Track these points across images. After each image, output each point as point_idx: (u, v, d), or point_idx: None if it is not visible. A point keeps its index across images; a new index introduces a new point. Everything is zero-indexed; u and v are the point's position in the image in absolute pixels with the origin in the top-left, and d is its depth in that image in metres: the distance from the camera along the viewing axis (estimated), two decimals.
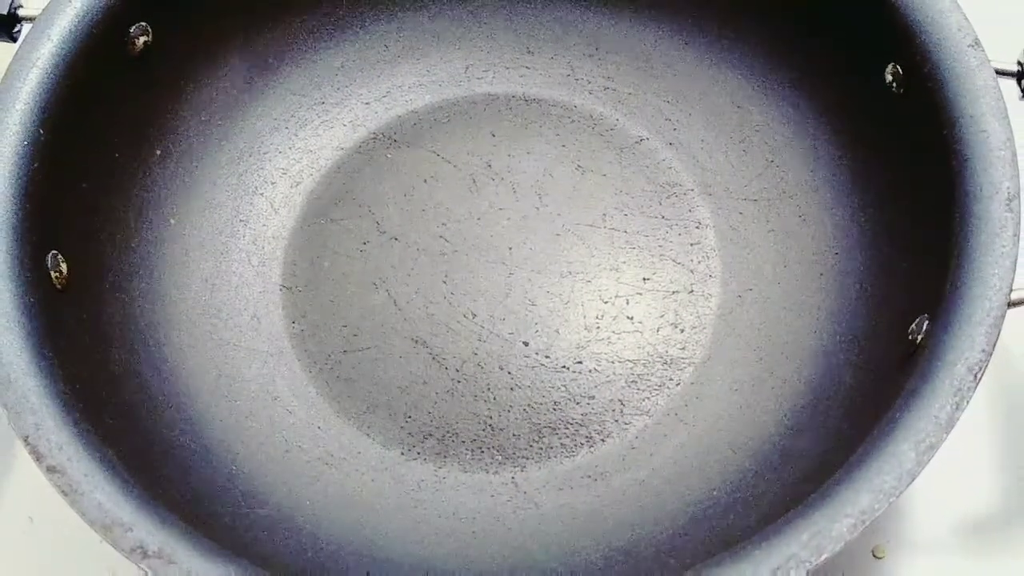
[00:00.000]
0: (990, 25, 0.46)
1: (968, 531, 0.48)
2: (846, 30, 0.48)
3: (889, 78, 0.46)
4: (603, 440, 0.48)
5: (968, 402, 0.36)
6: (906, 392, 0.37)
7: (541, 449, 0.48)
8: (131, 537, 0.36)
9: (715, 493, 0.45)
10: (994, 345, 0.37)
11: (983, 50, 0.42)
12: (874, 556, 0.48)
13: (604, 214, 0.53)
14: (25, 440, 0.37)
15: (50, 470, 0.37)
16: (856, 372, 0.45)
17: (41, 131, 0.43)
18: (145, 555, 0.35)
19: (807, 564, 0.34)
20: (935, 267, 0.40)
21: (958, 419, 0.36)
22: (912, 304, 0.41)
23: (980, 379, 0.37)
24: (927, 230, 0.42)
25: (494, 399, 0.49)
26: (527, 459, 0.48)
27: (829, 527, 0.35)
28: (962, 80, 0.42)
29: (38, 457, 0.37)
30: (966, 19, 0.43)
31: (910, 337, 0.41)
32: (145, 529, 0.36)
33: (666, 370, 0.50)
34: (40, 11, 0.45)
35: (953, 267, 0.39)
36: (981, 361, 0.37)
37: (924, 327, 0.40)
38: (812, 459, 0.42)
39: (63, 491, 0.36)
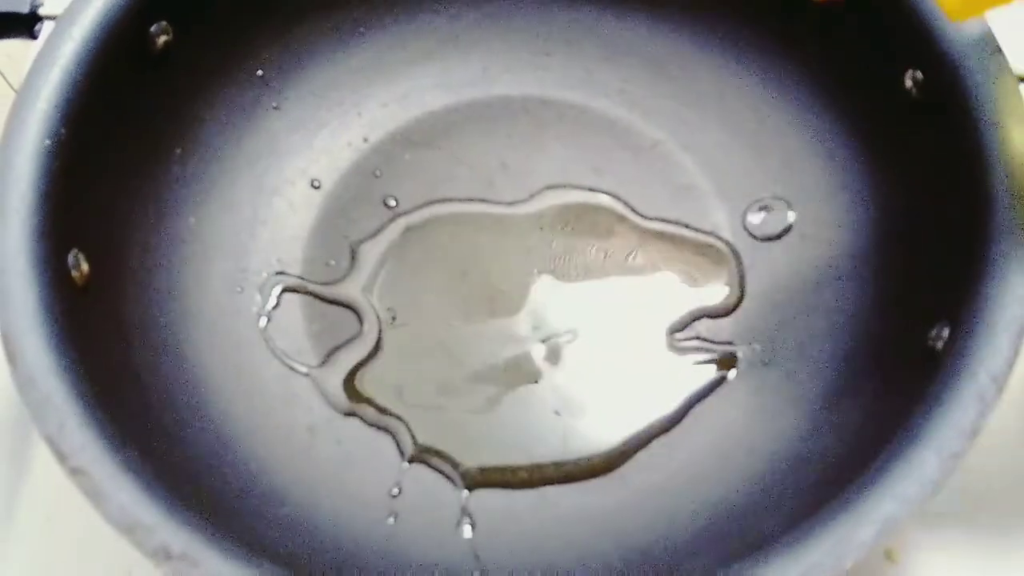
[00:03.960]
0: (1012, 32, 0.45)
1: (984, 534, 0.48)
2: (865, 35, 0.48)
3: (908, 83, 0.46)
4: (621, 443, 0.48)
5: (992, 410, 0.36)
6: (928, 400, 0.37)
7: (560, 449, 0.48)
8: (154, 539, 0.35)
9: (733, 496, 0.45)
10: (1018, 353, 0.37)
11: (1005, 57, 0.42)
12: (888, 559, 0.48)
13: (620, 216, 0.53)
14: (49, 440, 0.37)
15: (74, 471, 0.36)
16: (875, 376, 0.45)
17: (62, 129, 0.42)
18: (169, 557, 0.35)
19: (830, 572, 0.34)
20: (956, 273, 0.40)
21: (982, 427, 0.36)
22: (932, 310, 0.41)
23: (1004, 387, 0.37)
24: (948, 236, 0.42)
25: (512, 399, 0.49)
26: (546, 459, 0.48)
27: (852, 535, 0.34)
28: (984, 87, 0.42)
29: (61, 458, 0.37)
30: (988, 25, 0.43)
31: (930, 343, 0.40)
32: (168, 530, 0.36)
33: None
34: (61, 10, 0.45)
35: (975, 273, 0.39)
36: (1005, 370, 0.37)
37: (945, 334, 0.40)
38: (831, 464, 0.42)
39: (87, 493, 0.36)
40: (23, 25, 0.49)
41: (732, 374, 0.49)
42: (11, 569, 0.49)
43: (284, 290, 0.51)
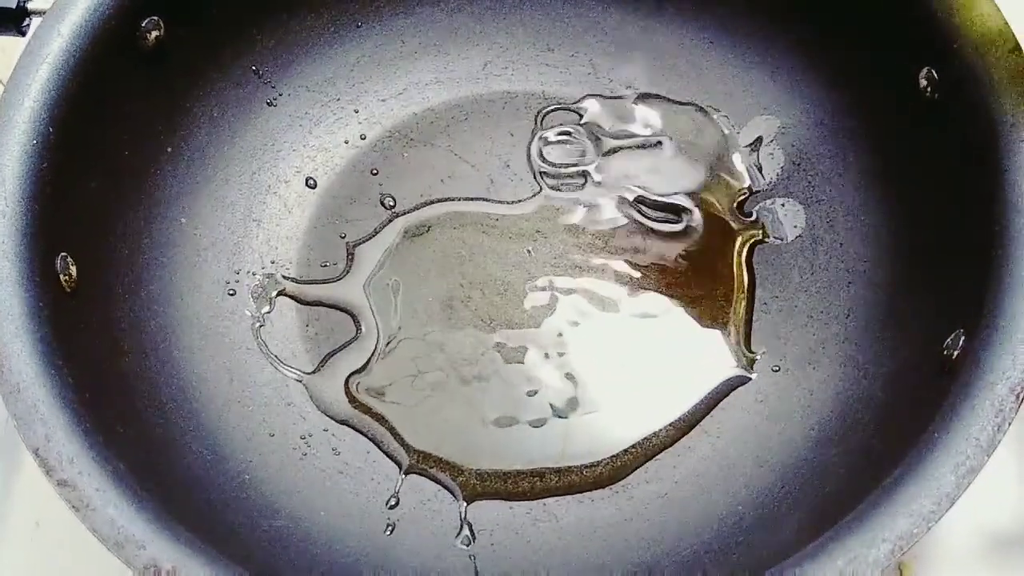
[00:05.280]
0: None
1: (995, 547, 0.47)
2: (879, 33, 0.47)
3: (923, 82, 0.44)
4: (625, 451, 0.47)
5: (1010, 424, 0.35)
6: (943, 411, 0.36)
7: (562, 458, 0.47)
8: (144, 555, 0.35)
9: (740, 508, 0.44)
10: None
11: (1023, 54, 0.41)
12: (899, 572, 0.47)
13: (627, 215, 0.52)
14: (35, 452, 0.36)
15: (61, 484, 0.35)
16: (886, 386, 0.44)
17: (50, 129, 0.41)
18: (159, 574, 0.34)
19: None
20: (972, 280, 0.39)
21: (999, 441, 0.35)
22: (947, 318, 0.40)
23: (1023, 400, 0.35)
24: (963, 241, 0.41)
25: (512, 407, 0.48)
26: (547, 470, 0.47)
27: (866, 553, 0.34)
28: (1001, 86, 0.41)
29: (48, 470, 0.36)
30: (1007, 23, 0.42)
31: (945, 352, 0.39)
32: (158, 546, 0.35)
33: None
34: (49, 5, 0.44)
35: (992, 281, 0.38)
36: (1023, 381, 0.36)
37: (960, 343, 0.38)
38: (842, 475, 0.41)
39: (74, 506, 0.35)
40: (11, 21, 0.48)
41: (742, 381, 0.48)
42: (2, 573, 0.48)
43: (278, 292, 0.50)
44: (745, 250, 0.51)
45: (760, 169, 0.52)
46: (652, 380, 0.48)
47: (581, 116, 0.54)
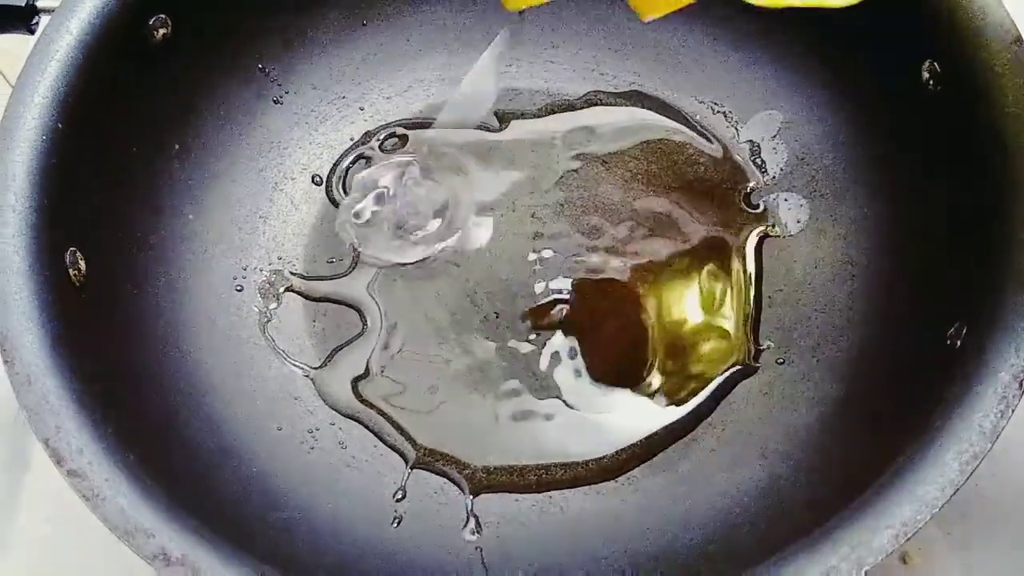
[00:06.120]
0: None
1: (1000, 539, 0.47)
2: (881, 27, 0.46)
3: (926, 75, 0.45)
4: (631, 445, 0.47)
5: (1013, 410, 0.35)
6: (947, 399, 0.36)
7: (568, 456, 0.47)
8: (153, 543, 0.35)
9: (746, 500, 0.44)
10: None
11: None
12: (903, 562, 0.47)
13: (632, 211, 0.52)
14: (45, 443, 0.36)
15: (71, 474, 0.36)
16: (891, 376, 0.44)
17: (59, 125, 0.42)
18: (168, 562, 0.35)
19: None
20: (975, 270, 0.39)
21: (1003, 428, 0.35)
22: (951, 308, 0.40)
23: None
24: (966, 232, 0.41)
25: (519, 404, 0.48)
26: (553, 464, 0.47)
27: (870, 539, 0.34)
28: (1003, 78, 0.41)
29: (59, 460, 0.36)
30: (1008, 15, 0.42)
31: (949, 342, 0.39)
32: (167, 535, 0.35)
33: None
34: (58, 3, 0.44)
35: (994, 269, 0.38)
36: None
37: (963, 332, 0.39)
38: (847, 465, 0.41)
39: (84, 496, 0.35)
40: (20, 19, 0.48)
41: (747, 373, 0.48)
42: (10, 570, 0.49)
43: (285, 288, 0.51)
44: (753, 243, 0.51)
45: (763, 164, 0.53)
46: (657, 376, 0.49)
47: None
